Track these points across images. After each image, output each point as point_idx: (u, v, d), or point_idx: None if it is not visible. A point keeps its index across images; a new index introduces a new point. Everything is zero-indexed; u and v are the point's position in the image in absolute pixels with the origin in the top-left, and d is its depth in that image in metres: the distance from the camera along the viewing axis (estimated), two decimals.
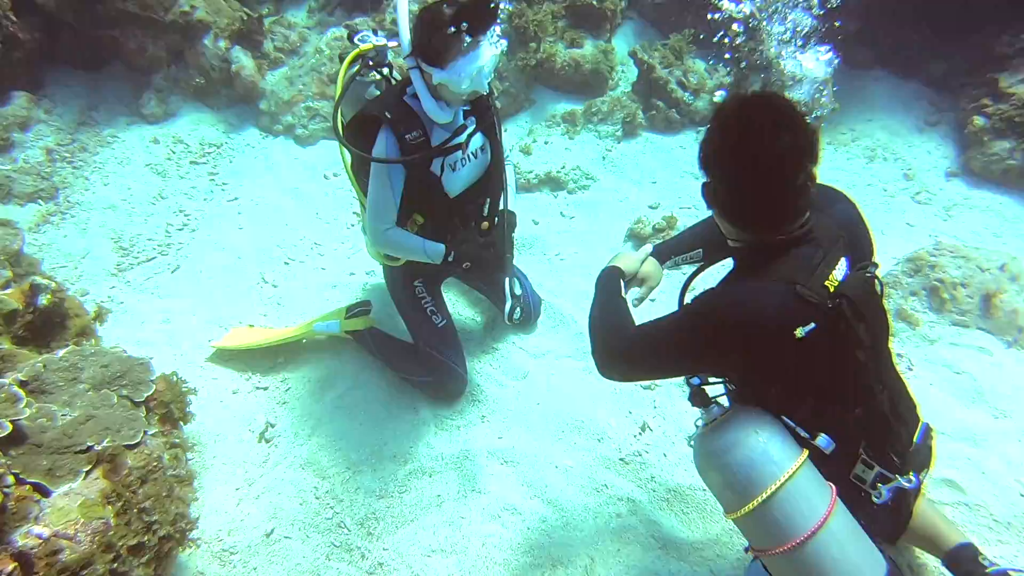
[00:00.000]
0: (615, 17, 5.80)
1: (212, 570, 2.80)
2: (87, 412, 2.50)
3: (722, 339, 1.87)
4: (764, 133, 1.72)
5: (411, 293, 3.35)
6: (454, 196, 3.05)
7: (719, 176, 1.88)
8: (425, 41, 2.60)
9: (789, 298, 1.77)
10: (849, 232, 1.98)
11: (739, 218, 1.90)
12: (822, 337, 1.78)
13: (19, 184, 4.60)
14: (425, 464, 3.22)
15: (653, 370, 2.16)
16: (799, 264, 1.83)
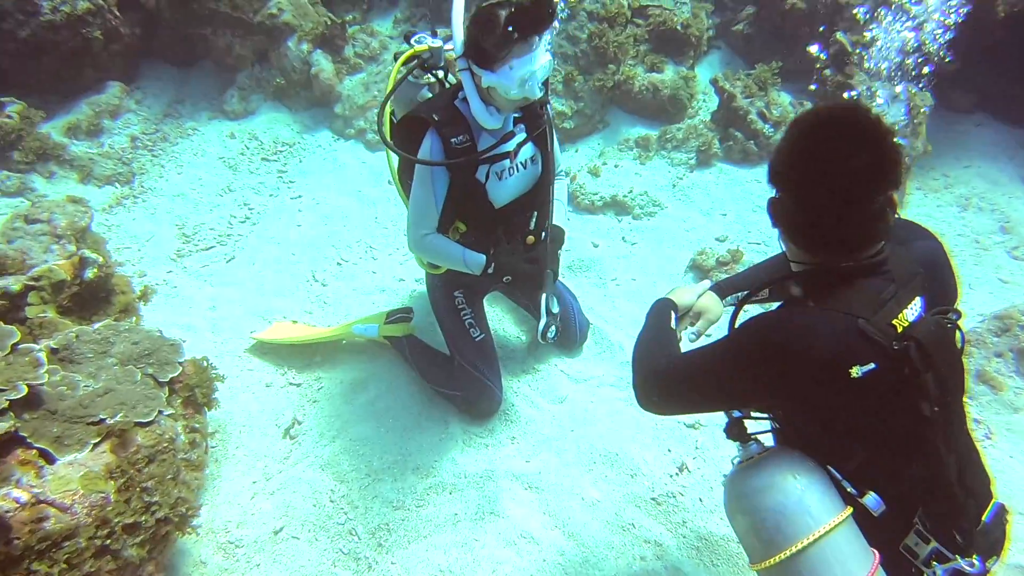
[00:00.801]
0: (700, 44, 5.63)
1: (215, 561, 2.73)
2: (107, 386, 2.49)
3: (766, 371, 1.66)
4: (841, 147, 1.53)
5: (451, 303, 3.24)
6: (499, 207, 2.93)
7: (788, 190, 1.68)
8: (477, 42, 2.50)
9: (849, 332, 1.56)
10: (930, 272, 1.73)
11: (805, 238, 1.70)
12: (883, 382, 1.56)
13: (100, 167, 4.80)
14: (447, 480, 3.08)
15: (691, 402, 1.95)
16: (866, 296, 1.61)
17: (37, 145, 4.69)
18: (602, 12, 5.24)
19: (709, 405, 1.91)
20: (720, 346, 1.79)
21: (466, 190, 2.82)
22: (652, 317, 2.20)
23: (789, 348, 1.61)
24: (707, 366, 1.80)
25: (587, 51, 5.24)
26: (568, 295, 3.55)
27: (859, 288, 1.63)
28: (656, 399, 1.94)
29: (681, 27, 5.41)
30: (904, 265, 1.69)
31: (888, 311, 1.59)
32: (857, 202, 1.55)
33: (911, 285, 1.66)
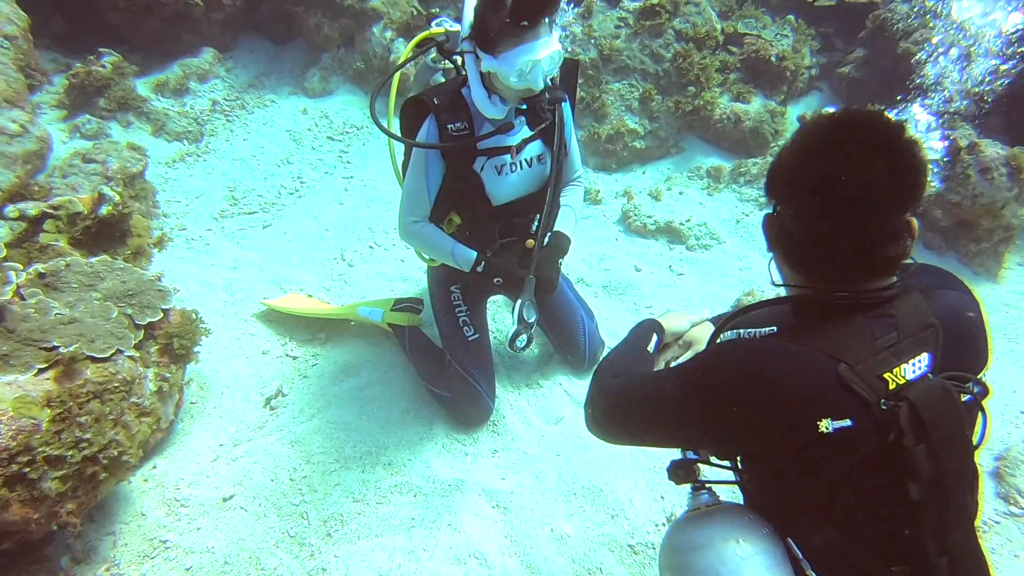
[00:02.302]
0: (795, 80, 5.27)
1: (155, 515, 2.65)
2: (75, 316, 2.47)
3: (722, 404, 1.37)
4: (855, 151, 1.27)
5: (447, 298, 3.08)
6: (497, 204, 2.75)
7: (788, 199, 1.40)
8: (482, 24, 2.34)
9: (824, 376, 1.27)
10: (952, 329, 1.38)
11: (802, 258, 1.40)
12: (860, 446, 1.26)
13: (173, 123, 4.97)
14: (414, 481, 2.89)
15: (640, 430, 1.63)
16: (858, 339, 1.31)
17: (121, 95, 4.91)
18: (690, 32, 4.98)
19: (658, 436, 1.61)
20: (679, 369, 1.53)
21: (461, 181, 2.66)
22: (631, 335, 1.94)
23: (751, 382, 1.33)
24: (661, 390, 1.53)
25: (669, 71, 4.99)
26: (582, 312, 3.30)
27: (853, 328, 1.33)
28: (603, 421, 1.67)
29: (776, 59, 5.07)
30: (916, 313, 1.36)
31: (881, 361, 1.29)
32: (868, 216, 1.27)
33: (919, 337, 1.33)
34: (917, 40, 5.05)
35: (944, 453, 1.27)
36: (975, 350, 1.43)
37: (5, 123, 4.30)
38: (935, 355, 1.33)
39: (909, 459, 1.25)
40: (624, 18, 5.05)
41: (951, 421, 1.29)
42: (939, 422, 1.27)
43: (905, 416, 1.24)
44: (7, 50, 4.61)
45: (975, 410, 1.36)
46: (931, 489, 1.28)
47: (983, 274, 4.30)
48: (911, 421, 1.24)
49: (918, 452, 1.25)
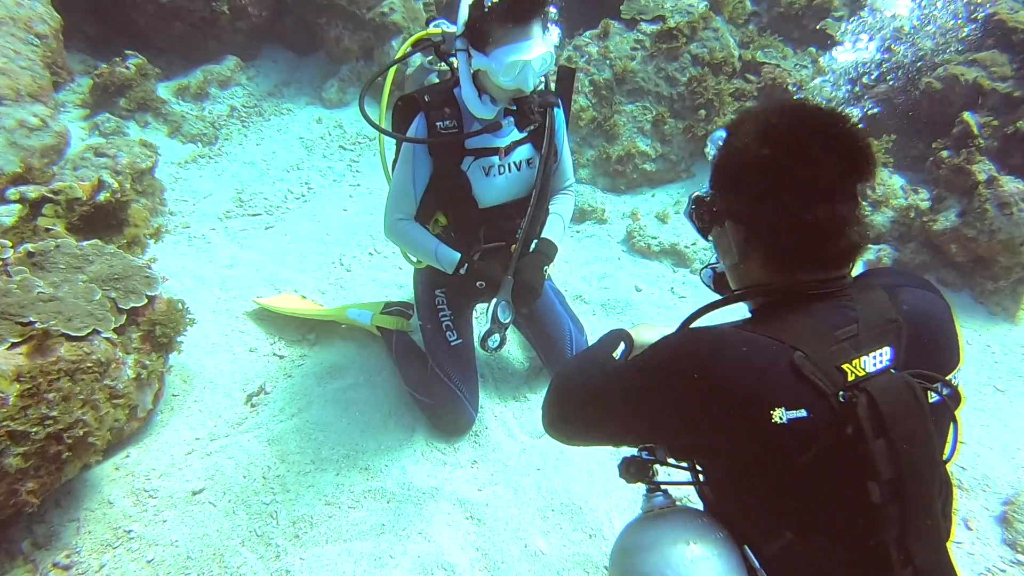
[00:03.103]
0: None
1: (122, 505, 2.61)
2: (57, 294, 2.47)
3: (675, 392, 1.31)
4: (802, 142, 1.27)
5: (431, 301, 3.05)
6: (484, 206, 2.72)
7: (733, 190, 1.39)
8: (475, 21, 2.34)
9: (780, 364, 1.21)
10: (917, 325, 1.32)
11: (763, 245, 1.36)
12: (815, 439, 1.18)
13: (189, 125, 5.04)
14: (389, 487, 2.82)
15: (594, 425, 1.56)
16: (815, 328, 1.26)
17: (142, 96, 5.00)
18: (707, 57, 4.96)
19: (612, 431, 1.54)
20: (633, 360, 1.47)
21: (448, 180, 2.64)
22: (598, 341, 1.88)
23: (703, 370, 1.26)
24: (615, 381, 1.48)
25: (684, 94, 4.96)
26: (570, 324, 3.23)
27: (811, 318, 1.28)
28: (558, 417, 1.61)
29: (793, 87, 5.01)
30: (878, 307, 1.31)
31: (839, 352, 1.23)
32: (823, 202, 1.24)
33: (881, 331, 1.27)
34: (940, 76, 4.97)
35: (905, 451, 1.19)
36: (943, 349, 1.35)
37: (26, 116, 4.40)
38: (897, 350, 1.26)
39: (867, 456, 1.17)
40: (641, 40, 5.04)
41: (913, 418, 1.21)
42: (900, 417, 1.19)
43: (863, 408, 1.17)
44: (36, 48, 4.73)
45: (944, 415, 1.28)
46: (892, 491, 1.20)
47: (1000, 314, 4.15)
48: (870, 414, 1.17)
49: (877, 448, 1.17)
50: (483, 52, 2.35)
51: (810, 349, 1.21)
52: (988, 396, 3.62)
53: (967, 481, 3.07)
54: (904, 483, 1.20)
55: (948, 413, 1.29)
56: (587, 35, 5.16)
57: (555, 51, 2.45)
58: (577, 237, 4.62)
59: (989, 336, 4.04)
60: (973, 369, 3.81)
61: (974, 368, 3.82)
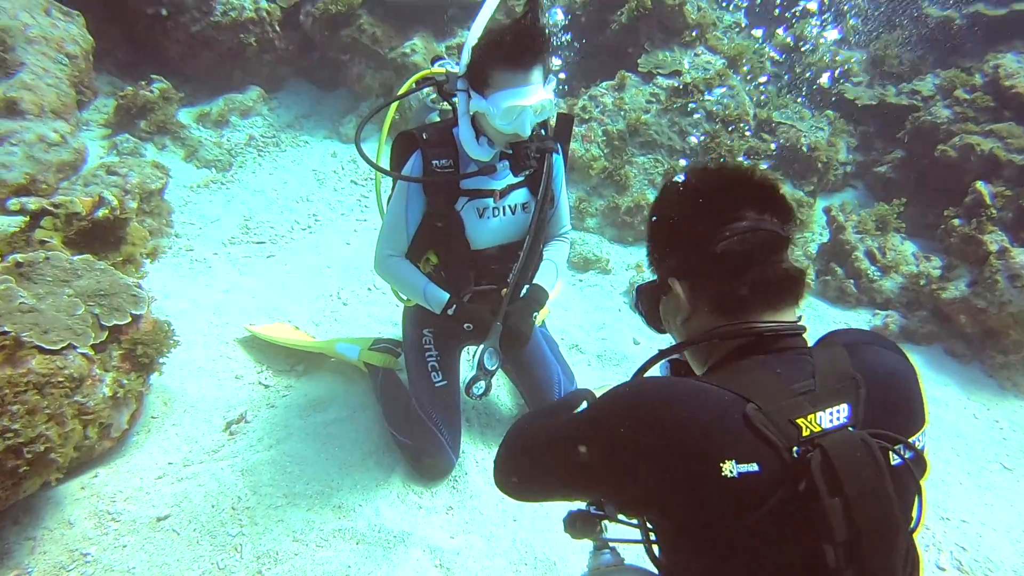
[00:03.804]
0: (827, 172, 5.17)
1: (83, 526, 2.55)
2: (38, 306, 2.46)
3: (618, 447, 1.24)
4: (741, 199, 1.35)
5: (418, 341, 3.00)
6: (476, 248, 2.69)
7: (683, 250, 1.40)
8: (476, 63, 2.34)
9: (732, 415, 1.15)
10: (877, 383, 1.26)
11: (695, 290, 1.38)
12: (767, 495, 1.11)
13: (205, 150, 5.12)
14: (359, 528, 2.74)
15: (539, 481, 1.48)
16: (770, 379, 1.21)
17: (162, 119, 5.10)
18: (722, 113, 4.97)
19: (558, 486, 1.46)
20: (582, 411, 1.42)
21: (442, 219, 2.61)
22: (559, 399, 1.83)
23: (650, 419, 1.20)
24: (561, 433, 1.41)
25: (696, 148, 4.96)
26: (559, 372, 3.16)
27: (766, 370, 1.23)
28: (506, 470, 1.54)
29: (807, 149, 5.00)
30: (836, 363, 1.26)
31: (794, 406, 1.17)
32: (767, 255, 1.31)
33: (838, 387, 1.22)
34: (956, 144, 4.93)
35: (861, 512, 1.11)
36: (905, 410, 1.29)
37: (47, 132, 4.49)
38: (855, 408, 1.20)
39: (822, 515, 1.10)
40: (656, 94, 5.07)
41: (870, 477, 1.13)
42: (856, 476, 1.12)
43: (817, 464, 1.10)
44: (64, 67, 4.86)
45: (907, 480, 1.21)
46: (849, 554, 1.11)
47: (1011, 389, 4.02)
48: (824, 471, 1.10)
49: (832, 507, 1.09)
50: (482, 95, 2.33)
51: (764, 402, 1.16)
52: (994, 474, 3.48)
53: (967, 563, 2.92)
54: (861, 545, 1.12)
55: (912, 479, 1.21)
56: (603, 86, 5.21)
57: (555, 99, 2.45)
58: (579, 286, 4.57)
59: (998, 411, 3.90)
60: (980, 445, 3.67)
61: (980, 444, 3.68)
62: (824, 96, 5.96)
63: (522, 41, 2.25)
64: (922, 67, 6.08)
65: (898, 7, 6.42)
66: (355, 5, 5.66)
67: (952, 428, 3.79)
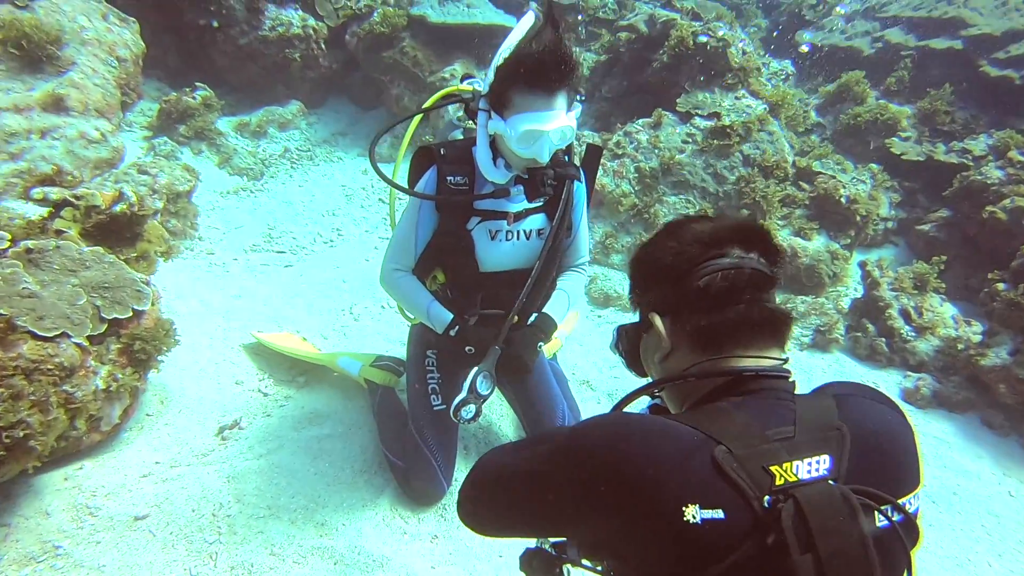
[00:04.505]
0: (865, 226, 4.99)
1: (59, 518, 2.50)
2: (37, 292, 2.45)
3: (576, 480, 1.15)
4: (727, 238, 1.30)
5: (421, 362, 2.92)
6: (485, 270, 2.60)
7: (646, 280, 1.39)
8: (498, 84, 2.28)
9: (699, 457, 1.06)
10: (864, 438, 1.15)
11: (675, 325, 1.31)
12: (731, 545, 1.01)
13: (239, 158, 5.20)
14: (339, 549, 2.64)
15: (498, 513, 1.39)
16: (744, 422, 1.11)
17: (200, 126, 5.20)
18: (759, 159, 4.85)
19: (518, 519, 1.36)
20: (548, 444, 1.31)
21: (452, 238, 2.54)
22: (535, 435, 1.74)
23: (611, 456, 1.11)
24: (524, 464, 1.31)
25: (730, 192, 4.84)
26: (564, 406, 3.04)
27: (743, 412, 1.13)
28: (468, 501, 1.45)
29: (845, 200, 4.84)
30: (821, 412, 1.16)
31: (769, 452, 1.07)
32: (753, 294, 1.24)
33: (820, 437, 1.11)
34: (1007, 207, 4.72)
35: (835, 574, 0.99)
36: (896, 469, 1.17)
37: (88, 129, 4.59)
38: (837, 461, 1.09)
39: (790, 573, 0.98)
40: (692, 135, 4.99)
41: (848, 536, 1.02)
42: (831, 533, 1.00)
43: (788, 516, 0.99)
44: (113, 69, 4.99)
45: (894, 546, 1.08)
46: None
47: None
48: (795, 524, 0.99)
49: (801, 565, 0.98)
50: (502, 116, 2.25)
51: (736, 445, 1.06)
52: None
53: None
54: None
55: (900, 545, 1.08)
56: (639, 123, 5.15)
57: (576, 126, 2.36)
58: (597, 322, 4.46)
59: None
60: (1014, 526, 3.42)
61: (1015, 525, 3.42)
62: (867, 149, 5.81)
63: (547, 64, 2.15)
64: (975, 126, 5.89)
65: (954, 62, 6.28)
66: (399, 27, 5.75)
67: (984, 505, 3.55)
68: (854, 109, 5.97)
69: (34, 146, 4.26)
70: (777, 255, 1.29)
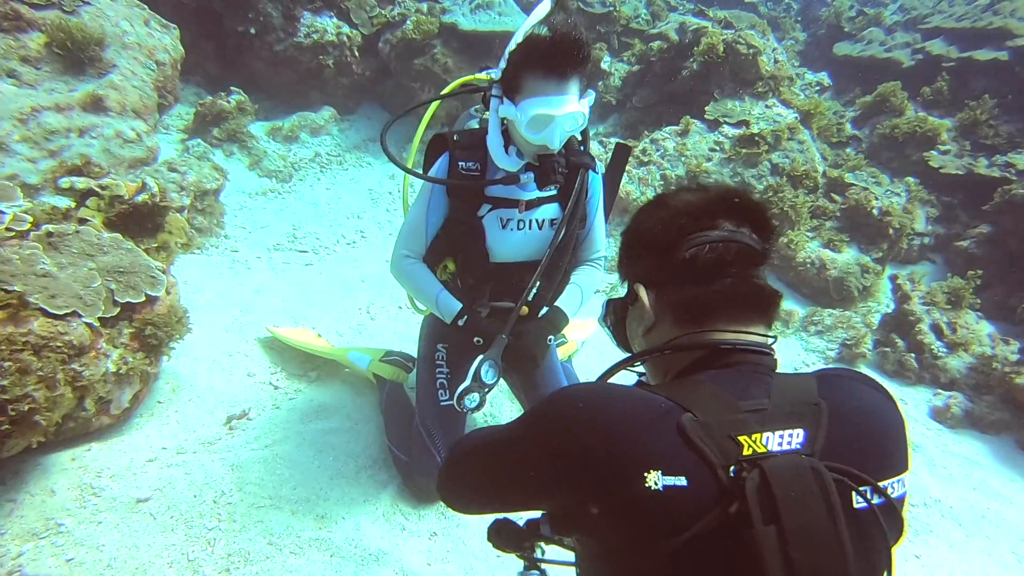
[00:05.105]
0: (898, 239, 4.84)
1: (64, 496, 2.54)
2: (52, 272, 2.52)
3: (544, 450, 1.13)
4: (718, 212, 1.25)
5: (431, 355, 2.90)
6: (496, 260, 2.57)
7: (634, 251, 1.35)
8: (511, 68, 2.26)
9: (665, 424, 1.03)
10: (844, 417, 1.10)
11: (660, 298, 1.28)
12: (694, 514, 0.98)
13: (269, 161, 5.30)
14: (336, 541, 2.63)
15: (472, 486, 1.39)
16: (716, 392, 1.08)
17: (233, 128, 5.33)
18: (788, 168, 4.75)
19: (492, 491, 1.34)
20: (523, 415, 1.31)
21: (463, 225, 2.52)
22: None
23: (577, 421, 1.09)
24: (496, 435, 1.30)
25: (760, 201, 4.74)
26: None
27: (716, 383, 1.11)
28: (445, 477, 1.44)
29: (878, 212, 4.70)
30: (799, 388, 1.12)
31: (738, 421, 1.04)
32: (741, 255, 1.20)
33: (795, 412, 1.07)
34: None
35: (800, 548, 0.94)
36: (878, 451, 1.11)
37: (125, 129, 4.73)
38: (812, 436, 1.05)
39: (753, 544, 0.94)
40: (720, 143, 4.92)
41: (816, 511, 0.97)
42: (798, 506, 0.96)
43: (753, 486, 0.95)
44: (152, 72, 5.15)
45: (872, 529, 1.03)
46: None
47: None
48: (760, 495, 0.95)
49: (765, 536, 0.94)
50: (513, 100, 2.23)
51: (704, 414, 1.03)
52: None
53: None
54: None
55: (878, 529, 1.03)
56: (667, 130, 5.10)
57: (588, 114, 2.34)
58: None
59: None
60: None
61: None
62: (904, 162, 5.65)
63: (560, 49, 2.12)
64: (1021, 139, 5.69)
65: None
66: (431, 35, 5.81)
67: (1016, 531, 3.37)
68: (892, 121, 5.82)
69: (72, 144, 4.41)
70: (769, 231, 1.24)
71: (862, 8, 7.95)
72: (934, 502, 3.41)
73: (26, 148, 4.26)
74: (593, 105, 2.38)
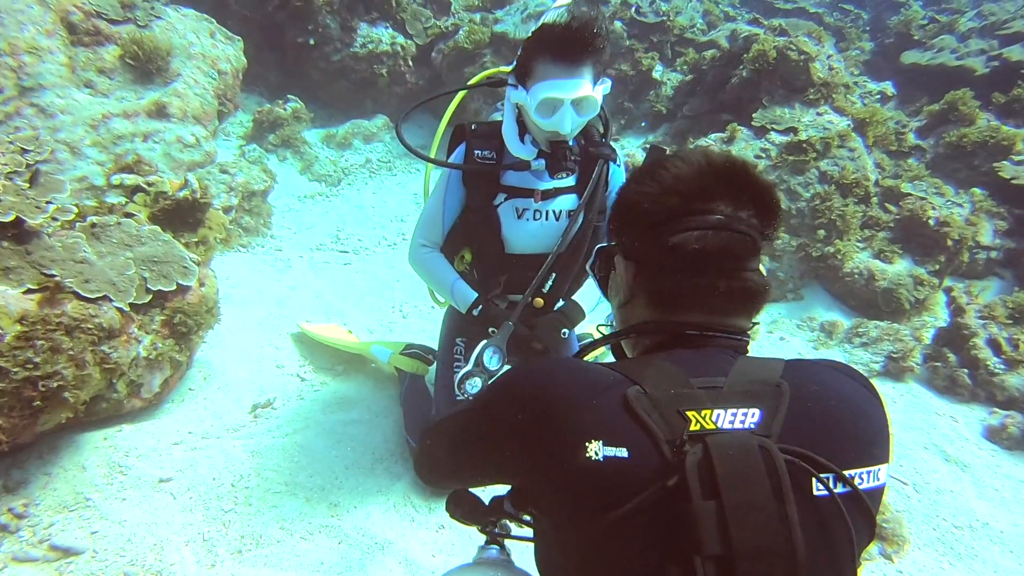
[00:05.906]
0: (957, 252, 4.58)
1: (94, 472, 2.68)
2: (90, 259, 2.67)
3: (496, 423, 1.14)
4: (714, 188, 1.14)
5: (449, 347, 2.92)
6: (511, 251, 2.58)
7: (622, 220, 1.26)
8: (524, 55, 2.28)
9: (609, 396, 1.01)
10: (807, 400, 1.05)
11: (637, 278, 1.22)
12: (633, 487, 0.96)
13: (319, 166, 5.48)
14: (346, 528, 2.68)
15: (441, 461, 1.39)
16: (667, 368, 1.05)
17: (288, 134, 5.54)
18: (837, 176, 4.58)
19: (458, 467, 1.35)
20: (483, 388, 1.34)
21: (479, 214, 2.54)
22: None
23: (524, 391, 1.11)
24: (463, 408, 1.32)
25: (804, 210, 4.59)
26: None
27: (671, 361, 1.08)
28: (417, 455, 1.49)
29: (934, 223, 4.47)
30: (761, 368, 1.07)
31: (688, 397, 1.01)
32: (731, 249, 1.11)
33: (753, 391, 1.03)
34: None
35: (739, 527, 0.91)
36: (843, 438, 1.05)
37: (185, 134, 4.99)
38: (768, 416, 1.00)
39: (689, 519, 0.91)
40: (767, 149, 4.79)
41: (758, 489, 0.93)
42: (741, 483, 0.92)
43: (694, 460, 0.92)
44: (213, 80, 5.42)
45: (832, 521, 0.98)
46: (722, 570, 0.90)
47: None
48: (701, 469, 0.92)
49: (702, 511, 0.91)
50: (525, 86, 2.24)
51: (652, 387, 1.00)
52: None
53: None
54: (734, 567, 0.90)
55: (842, 523, 0.97)
56: (712, 137, 5.01)
57: (601, 101, 2.31)
58: None
59: None
60: None
61: None
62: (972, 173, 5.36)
63: (572, 34, 2.12)
64: None
65: None
66: (482, 44, 5.91)
67: None
68: (960, 130, 5.53)
69: (136, 148, 4.68)
70: (774, 215, 1.15)
71: (935, 16, 7.61)
72: (981, 525, 3.20)
73: (95, 152, 4.55)
74: (608, 94, 2.36)
